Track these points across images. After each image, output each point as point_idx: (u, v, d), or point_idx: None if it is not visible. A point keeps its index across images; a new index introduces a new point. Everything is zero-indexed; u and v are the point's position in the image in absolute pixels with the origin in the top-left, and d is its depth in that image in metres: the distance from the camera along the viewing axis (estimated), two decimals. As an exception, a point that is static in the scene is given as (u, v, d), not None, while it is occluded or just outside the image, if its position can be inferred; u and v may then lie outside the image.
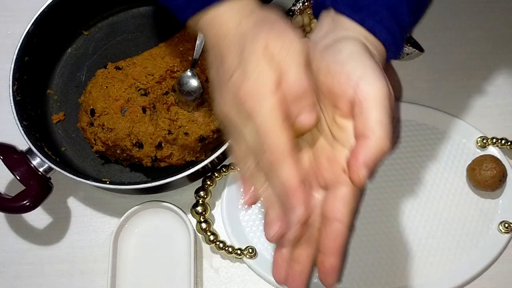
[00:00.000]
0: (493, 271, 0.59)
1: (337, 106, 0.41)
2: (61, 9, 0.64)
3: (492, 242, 0.59)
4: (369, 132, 0.38)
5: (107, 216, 0.64)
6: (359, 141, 0.39)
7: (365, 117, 0.38)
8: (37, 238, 0.63)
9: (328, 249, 0.39)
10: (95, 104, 0.60)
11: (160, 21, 0.70)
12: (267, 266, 0.59)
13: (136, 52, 0.65)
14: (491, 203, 0.61)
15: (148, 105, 0.60)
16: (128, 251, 0.60)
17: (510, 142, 0.63)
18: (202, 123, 0.59)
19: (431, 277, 0.58)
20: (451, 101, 0.67)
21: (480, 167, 0.60)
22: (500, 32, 0.70)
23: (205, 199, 0.61)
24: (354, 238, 0.60)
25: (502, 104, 0.67)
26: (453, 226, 0.60)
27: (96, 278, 0.61)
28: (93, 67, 0.67)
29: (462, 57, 0.69)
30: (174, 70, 0.62)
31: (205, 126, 0.59)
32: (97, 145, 0.60)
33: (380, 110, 0.38)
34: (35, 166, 0.58)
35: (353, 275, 0.59)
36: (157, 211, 0.62)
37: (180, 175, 0.57)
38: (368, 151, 0.38)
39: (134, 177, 0.63)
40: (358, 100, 0.39)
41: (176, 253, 0.60)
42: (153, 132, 0.59)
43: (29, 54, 0.62)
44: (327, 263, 0.39)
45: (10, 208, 0.58)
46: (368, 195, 0.62)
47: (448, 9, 0.71)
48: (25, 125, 0.59)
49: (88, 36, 0.69)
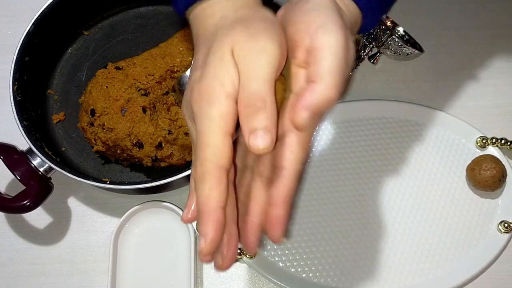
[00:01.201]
0: (493, 271, 0.59)
1: (294, 56, 0.39)
2: (61, 9, 0.64)
3: (492, 242, 0.60)
4: (318, 79, 0.37)
5: (107, 216, 0.64)
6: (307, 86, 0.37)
7: (317, 64, 0.37)
8: (37, 238, 0.63)
9: (275, 199, 0.38)
10: (95, 104, 0.60)
11: (160, 21, 0.70)
12: (267, 266, 0.59)
13: (136, 52, 0.65)
14: (490, 203, 0.61)
15: (148, 105, 0.60)
16: (128, 251, 0.60)
17: (509, 142, 0.63)
18: (202, 123, 0.59)
19: (431, 277, 0.59)
20: (451, 101, 0.67)
21: (479, 167, 0.60)
22: (500, 32, 0.70)
23: (205, 199, 0.61)
24: (354, 238, 0.60)
25: (502, 104, 0.67)
26: (453, 226, 0.61)
27: (96, 278, 0.61)
28: (93, 67, 0.67)
29: (462, 57, 0.69)
30: (174, 70, 0.62)
31: (205, 126, 0.59)
32: (97, 145, 0.60)
33: (332, 59, 0.37)
34: (35, 166, 0.58)
35: (353, 275, 0.59)
36: (157, 211, 0.62)
37: (180, 175, 0.57)
38: (313, 95, 0.36)
39: (134, 177, 0.63)
40: (314, 47, 0.38)
41: (176, 253, 0.60)
42: (153, 132, 0.59)
43: (29, 54, 0.62)
44: (273, 213, 0.38)
45: (10, 208, 0.58)
46: (368, 194, 0.62)
47: (448, 9, 0.71)
48: (26, 125, 0.59)
49: (88, 36, 0.69)
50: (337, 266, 0.59)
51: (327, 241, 0.60)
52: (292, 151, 0.38)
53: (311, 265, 0.59)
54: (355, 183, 0.62)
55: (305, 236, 0.60)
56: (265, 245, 0.60)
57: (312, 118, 0.37)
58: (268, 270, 0.59)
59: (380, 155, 0.64)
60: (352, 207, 0.61)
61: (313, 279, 0.59)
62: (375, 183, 0.63)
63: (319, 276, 0.59)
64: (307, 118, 0.36)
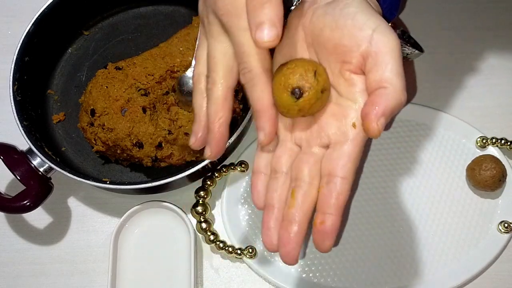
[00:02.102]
0: (493, 271, 0.59)
1: (346, 61, 0.40)
2: (61, 9, 0.64)
3: (492, 242, 0.60)
4: (386, 83, 0.37)
5: (107, 216, 0.64)
6: (375, 92, 0.38)
7: (381, 68, 0.38)
8: (37, 238, 0.63)
9: (330, 208, 0.38)
10: (95, 104, 0.60)
11: (160, 21, 0.70)
12: (267, 266, 0.59)
13: (136, 52, 0.65)
14: (490, 203, 0.61)
15: (148, 105, 0.60)
16: (128, 251, 0.60)
17: (509, 142, 0.63)
18: (202, 123, 0.59)
19: (431, 277, 0.59)
20: (451, 101, 0.67)
21: (479, 167, 0.60)
22: (500, 32, 0.70)
23: (205, 199, 0.61)
24: (354, 238, 0.60)
25: (502, 104, 0.67)
26: (453, 226, 0.60)
27: (96, 278, 0.61)
28: (93, 67, 0.67)
29: (462, 57, 0.69)
30: (174, 70, 0.62)
31: (205, 126, 0.59)
32: (97, 145, 0.60)
33: (395, 61, 0.38)
34: (35, 166, 0.58)
35: (353, 275, 0.59)
36: (157, 211, 0.62)
37: (180, 175, 0.57)
38: (387, 100, 0.37)
39: (134, 177, 0.63)
40: (373, 52, 0.38)
41: (176, 253, 0.60)
42: (153, 132, 0.59)
43: (29, 54, 0.62)
44: (328, 222, 0.38)
45: (10, 208, 0.58)
46: (367, 194, 0.62)
47: (448, 9, 0.71)
48: (26, 125, 0.59)
49: (88, 36, 0.69)
50: (337, 266, 0.59)
51: (327, 241, 0.60)
52: (350, 160, 0.39)
53: (311, 265, 0.59)
54: (354, 183, 0.62)
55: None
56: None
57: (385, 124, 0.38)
58: (268, 270, 0.59)
59: (380, 155, 0.64)
60: (351, 207, 0.61)
61: (313, 279, 0.59)
62: (374, 183, 0.63)
63: (319, 276, 0.59)
64: (383, 126, 0.37)
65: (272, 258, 0.60)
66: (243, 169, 0.63)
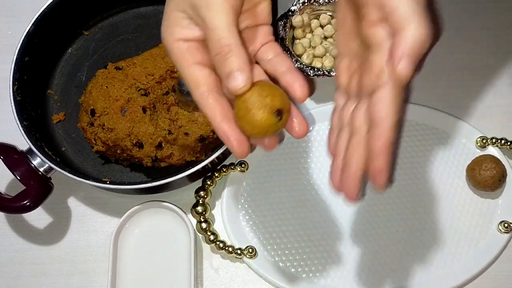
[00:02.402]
0: (493, 271, 0.59)
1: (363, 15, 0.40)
2: (61, 9, 0.64)
3: (492, 242, 0.60)
4: (405, 23, 0.37)
5: (107, 216, 0.64)
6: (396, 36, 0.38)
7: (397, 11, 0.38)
8: (37, 238, 0.63)
9: (376, 150, 0.40)
10: (95, 104, 0.60)
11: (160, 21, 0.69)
12: (267, 266, 0.59)
13: (136, 52, 0.65)
14: (490, 203, 0.61)
15: (148, 105, 0.60)
16: (128, 251, 0.60)
17: (510, 142, 0.63)
18: (202, 123, 0.59)
19: (431, 277, 0.59)
20: (451, 101, 0.67)
21: (479, 167, 0.60)
22: (500, 32, 0.70)
23: (205, 199, 0.61)
24: (354, 238, 0.60)
25: (502, 104, 0.67)
26: (453, 226, 0.60)
27: (96, 278, 0.61)
28: (93, 67, 0.67)
29: (462, 57, 0.69)
30: (174, 70, 0.62)
31: (205, 126, 0.59)
32: (97, 145, 0.60)
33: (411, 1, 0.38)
34: (35, 166, 0.58)
35: (353, 275, 0.59)
36: (157, 211, 0.62)
37: (180, 175, 0.57)
38: (407, 40, 0.37)
39: (134, 177, 0.63)
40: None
41: (176, 253, 0.60)
42: (153, 132, 0.59)
43: (29, 54, 0.62)
44: (376, 163, 0.40)
45: (10, 208, 0.58)
46: (367, 194, 0.62)
47: (448, 9, 0.71)
48: (26, 125, 0.59)
49: (88, 36, 0.69)
50: (337, 267, 0.59)
51: (327, 241, 0.60)
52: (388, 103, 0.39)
53: (311, 265, 0.59)
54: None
55: (305, 237, 0.60)
56: (265, 245, 0.60)
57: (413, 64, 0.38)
58: (268, 270, 0.59)
59: (380, 155, 0.64)
60: (352, 207, 0.61)
61: (313, 279, 0.59)
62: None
63: (319, 276, 0.59)
64: (408, 66, 0.38)
65: (272, 258, 0.60)
66: (243, 169, 0.63)
